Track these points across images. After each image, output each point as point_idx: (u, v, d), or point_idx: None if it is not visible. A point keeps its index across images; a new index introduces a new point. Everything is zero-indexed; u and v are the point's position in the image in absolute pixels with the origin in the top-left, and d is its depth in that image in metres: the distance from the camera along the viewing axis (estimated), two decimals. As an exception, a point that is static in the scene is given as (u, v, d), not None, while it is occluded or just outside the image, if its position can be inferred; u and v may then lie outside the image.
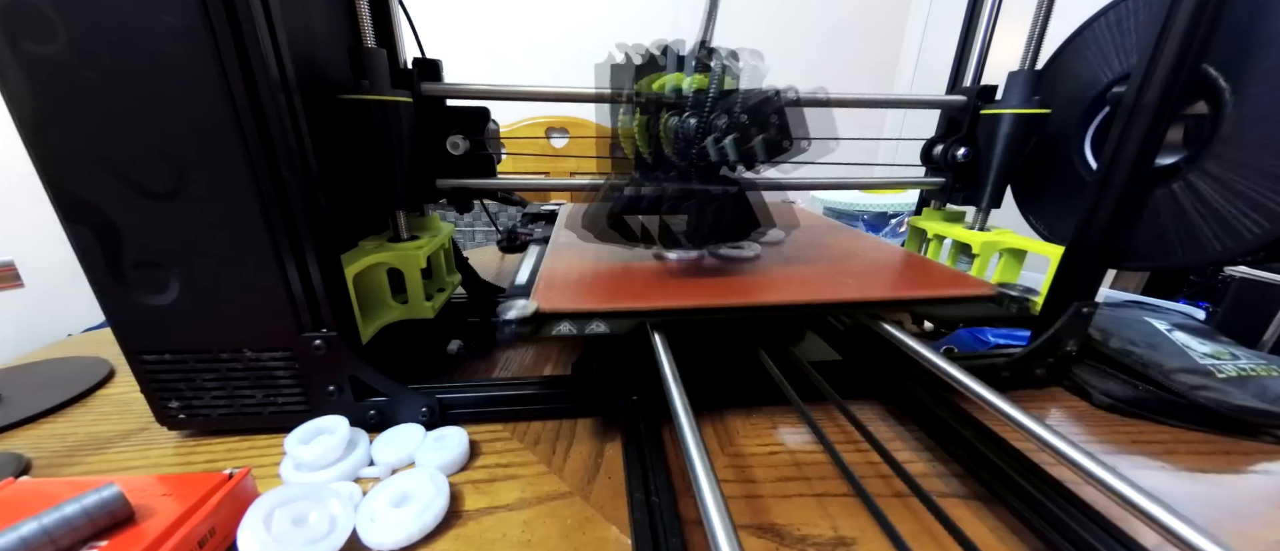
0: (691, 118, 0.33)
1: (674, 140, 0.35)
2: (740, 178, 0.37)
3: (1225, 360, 0.41)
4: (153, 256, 0.31)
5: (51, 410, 0.42)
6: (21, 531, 0.22)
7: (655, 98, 0.36)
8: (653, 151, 0.37)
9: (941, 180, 0.51)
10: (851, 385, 0.42)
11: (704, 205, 0.36)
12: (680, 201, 0.35)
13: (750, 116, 0.33)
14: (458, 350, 0.48)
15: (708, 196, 0.35)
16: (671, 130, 0.35)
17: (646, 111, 0.37)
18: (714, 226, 0.37)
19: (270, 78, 0.28)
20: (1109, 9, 0.42)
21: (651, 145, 0.37)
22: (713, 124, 0.33)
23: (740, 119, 0.33)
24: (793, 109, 0.34)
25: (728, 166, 0.34)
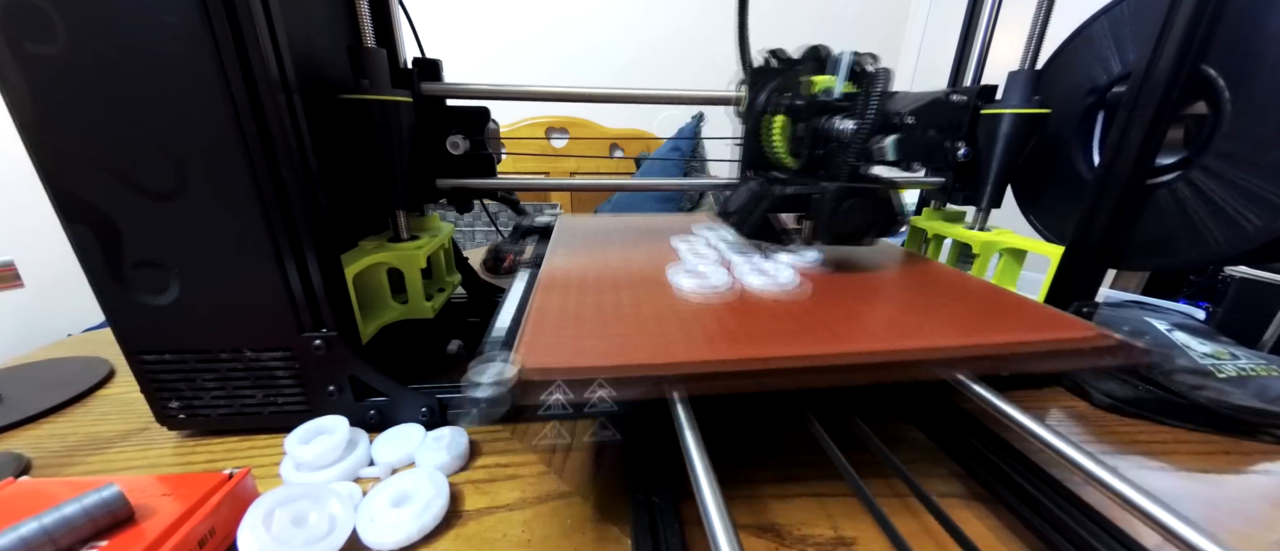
0: (870, 119, 0.33)
1: (830, 140, 0.35)
2: (881, 177, 0.37)
3: (1225, 360, 0.41)
4: (153, 256, 0.31)
5: (51, 410, 0.42)
6: (21, 531, 0.22)
7: (818, 100, 0.36)
8: (801, 153, 0.38)
9: (942, 180, 0.51)
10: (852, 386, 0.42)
11: (876, 200, 0.36)
12: (854, 198, 0.35)
13: (921, 117, 0.33)
14: (458, 350, 0.48)
15: (883, 192, 0.36)
16: (835, 131, 0.35)
17: (799, 115, 0.37)
18: (873, 223, 0.37)
19: (270, 77, 0.28)
20: (1109, 9, 0.42)
21: (800, 147, 0.38)
22: (887, 124, 0.33)
23: (908, 120, 0.33)
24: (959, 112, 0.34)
25: (898, 166, 0.34)
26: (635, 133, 1.69)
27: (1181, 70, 0.32)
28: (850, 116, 0.34)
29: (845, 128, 0.34)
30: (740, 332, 0.28)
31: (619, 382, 0.24)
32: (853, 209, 0.35)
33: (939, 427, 0.36)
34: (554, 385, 0.24)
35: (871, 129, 0.33)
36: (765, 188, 0.38)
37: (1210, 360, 0.41)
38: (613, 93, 0.44)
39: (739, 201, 0.39)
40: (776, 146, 0.40)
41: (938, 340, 0.27)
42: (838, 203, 0.35)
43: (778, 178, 0.39)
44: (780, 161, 0.40)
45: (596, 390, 0.24)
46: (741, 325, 0.29)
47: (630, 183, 0.60)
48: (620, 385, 0.24)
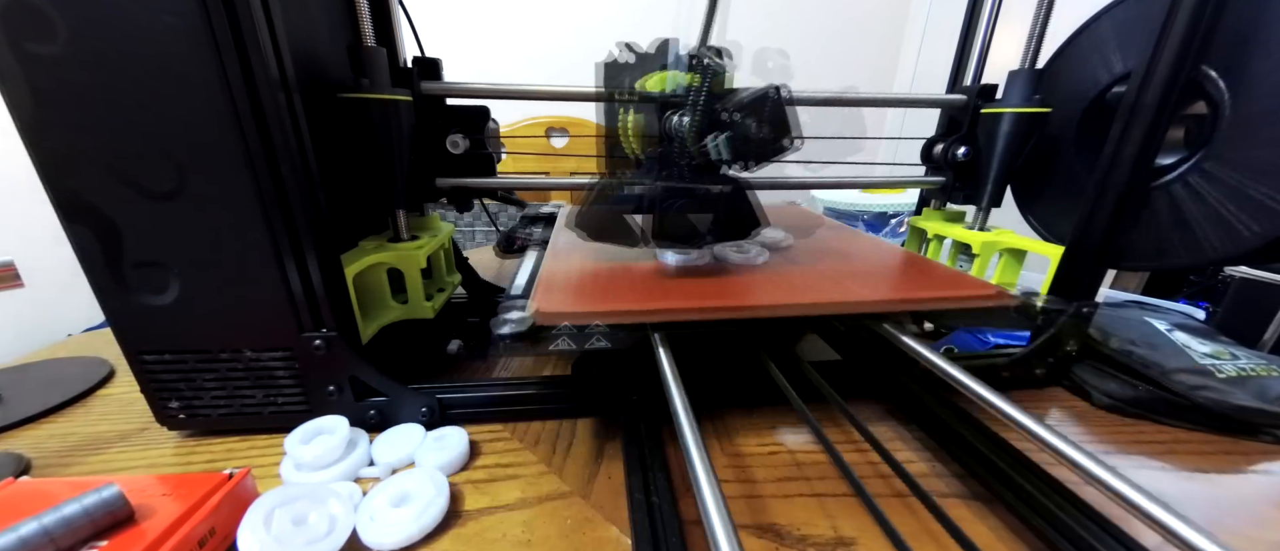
0: (686, 116, 0.33)
1: (672, 138, 0.34)
2: (738, 176, 0.37)
3: (1225, 360, 0.41)
4: (153, 256, 0.31)
5: (51, 410, 0.42)
6: (21, 531, 0.22)
7: (654, 96, 0.36)
8: (650, 151, 0.37)
9: (942, 179, 0.51)
10: (851, 385, 0.42)
11: (704, 204, 0.35)
12: (677, 200, 0.35)
13: (746, 114, 0.32)
14: (458, 350, 0.48)
15: (706, 195, 0.35)
16: (672, 128, 0.34)
17: (643, 110, 0.36)
18: (712, 226, 0.36)
19: (270, 76, 0.28)
20: (1109, 9, 0.42)
21: (648, 144, 0.37)
22: (712, 121, 0.33)
23: (736, 117, 0.32)
24: (789, 107, 0.33)
25: (725, 164, 0.34)
26: (635, 132, 1.68)
27: (1181, 70, 0.32)
28: (685, 113, 0.33)
29: (681, 124, 0.34)
30: (709, 289, 0.36)
31: (611, 324, 0.32)
32: (682, 209, 0.35)
33: (939, 427, 0.36)
34: (561, 326, 0.31)
35: (696, 126, 0.32)
36: (611, 188, 0.37)
37: (1210, 360, 0.41)
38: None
39: (586, 204, 0.38)
40: (626, 144, 0.39)
41: (864, 296, 0.35)
42: (661, 203, 0.35)
43: (627, 177, 0.38)
44: (637, 158, 0.39)
45: (594, 330, 0.32)
46: (711, 285, 0.37)
47: (630, 182, 0.60)
48: (612, 329, 0.32)
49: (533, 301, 0.33)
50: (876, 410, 0.40)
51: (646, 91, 0.36)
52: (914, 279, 0.40)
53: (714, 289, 0.36)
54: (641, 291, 0.35)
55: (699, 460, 0.21)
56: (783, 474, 0.33)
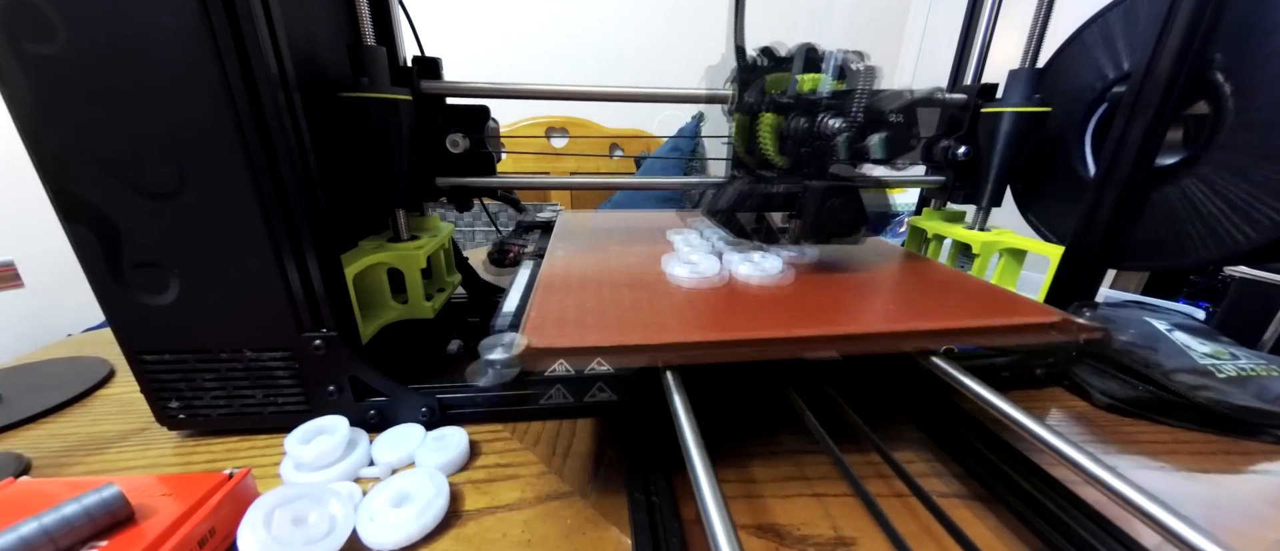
0: (840, 117, 0.33)
1: (821, 138, 0.35)
2: (868, 175, 0.37)
3: (1225, 360, 0.41)
4: (153, 256, 0.31)
5: (51, 410, 0.42)
6: (21, 531, 0.22)
7: (807, 98, 0.36)
8: (790, 152, 0.38)
9: (942, 179, 0.51)
10: (852, 384, 0.42)
11: (859, 199, 0.36)
12: (837, 197, 0.35)
13: (908, 115, 0.33)
14: (458, 350, 0.48)
15: (850, 191, 0.36)
16: (825, 128, 0.35)
17: (782, 111, 0.37)
18: (858, 220, 0.37)
19: (270, 76, 0.28)
20: (1110, 9, 0.42)
21: (788, 145, 0.38)
22: (874, 122, 0.33)
23: (898, 118, 0.33)
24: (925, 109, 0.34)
25: (882, 163, 0.34)
26: (635, 132, 1.68)
27: (1181, 70, 0.32)
28: (837, 114, 0.34)
29: (832, 125, 0.34)
30: (727, 315, 0.31)
31: (615, 357, 0.27)
32: (838, 207, 0.35)
33: (939, 427, 0.36)
34: (557, 362, 0.26)
35: (858, 127, 0.33)
36: (753, 186, 0.38)
37: (1210, 360, 0.41)
38: (612, 91, 0.44)
39: (727, 200, 0.39)
40: (765, 145, 0.39)
41: (903, 324, 0.30)
42: (823, 200, 0.35)
43: (766, 176, 0.39)
44: (769, 160, 0.40)
45: (595, 365, 0.26)
46: (728, 309, 0.32)
47: (630, 181, 0.60)
48: (616, 362, 0.27)
49: (525, 328, 0.28)
50: (876, 410, 0.40)
51: (798, 93, 0.37)
52: (961, 301, 0.34)
53: (734, 316, 0.31)
54: (650, 318, 0.30)
55: (699, 460, 0.21)
56: (783, 474, 0.33)
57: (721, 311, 0.31)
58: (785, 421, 0.39)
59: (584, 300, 0.33)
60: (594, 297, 0.33)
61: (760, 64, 0.40)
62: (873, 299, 0.34)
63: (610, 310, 0.31)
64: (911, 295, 0.35)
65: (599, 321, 0.30)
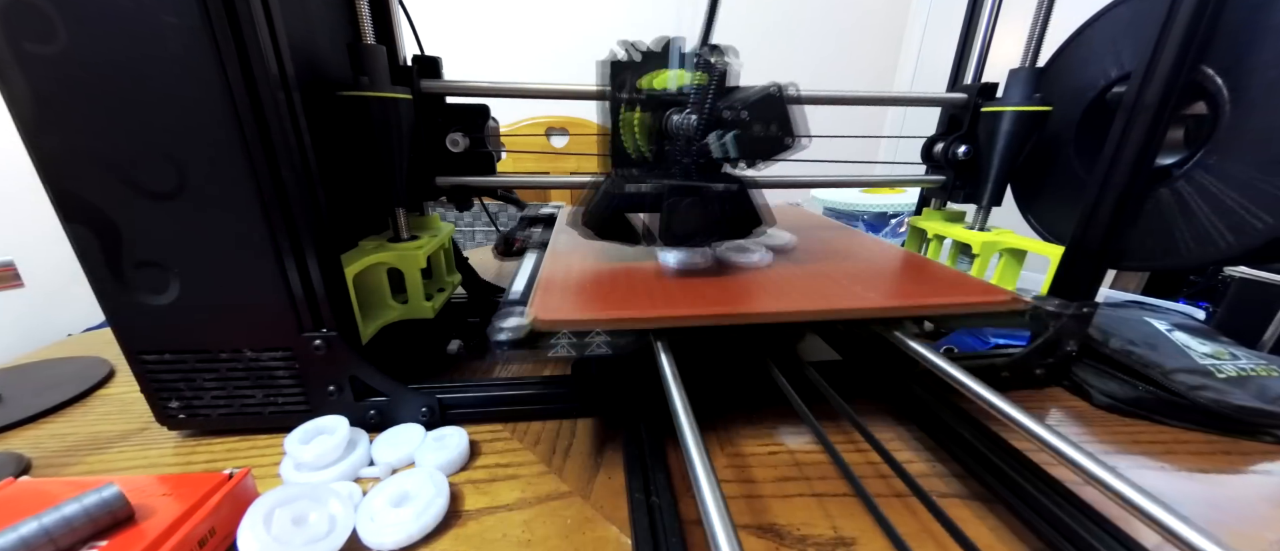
0: (693, 114, 0.33)
1: (675, 137, 0.34)
2: (742, 175, 0.37)
3: (1225, 360, 0.41)
4: (153, 256, 0.31)
5: (51, 410, 0.42)
6: (21, 531, 0.22)
7: (658, 94, 0.36)
8: (653, 149, 0.37)
9: (942, 178, 0.51)
10: (852, 385, 0.42)
11: (707, 202, 0.35)
12: (682, 198, 0.35)
13: (752, 112, 0.32)
14: (458, 350, 0.48)
15: (710, 193, 0.35)
16: (675, 126, 0.35)
17: (648, 108, 0.36)
18: (716, 224, 0.37)
19: (270, 75, 0.28)
20: (1110, 9, 0.42)
21: (652, 142, 0.37)
22: (716, 120, 0.33)
23: (742, 115, 0.32)
24: (794, 106, 0.34)
25: (729, 163, 0.34)
26: (635, 132, 1.68)
27: (1181, 70, 0.32)
28: (689, 111, 0.33)
29: (678, 122, 0.34)
30: (711, 295, 0.35)
31: (612, 332, 0.31)
32: (686, 208, 0.35)
33: (939, 427, 0.36)
34: (560, 334, 0.30)
35: (701, 124, 0.32)
36: (616, 186, 0.36)
37: (1210, 360, 0.41)
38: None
39: (592, 201, 0.38)
40: (628, 143, 0.38)
41: (872, 302, 0.34)
42: (666, 200, 0.35)
43: (629, 175, 0.37)
44: (639, 158, 0.38)
45: (594, 337, 0.31)
46: (713, 290, 0.36)
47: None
48: (613, 334, 0.31)
49: (531, 307, 0.32)
50: (876, 410, 0.40)
51: (651, 90, 0.36)
52: (919, 282, 0.39)
53: (717, 293, 0.35)
54: (643, 296, 0.35)
55: (699, 460, 0.21)
56: (783, 474, 0.33)
57: (705, 290, 0.36)
58: (783, 418, 0.39)
59: (584, 281, 0.37)
60: (593, 279, 0.38)
61: (629, 58, 0.38)
62: (840, 281, 0.38)
63: (608, 289, 0.36)
64: (878, 279, 0.39)
65: (597, 298, 0.34)
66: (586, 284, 0.37)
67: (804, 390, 0.34)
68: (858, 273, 0.40)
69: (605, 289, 0.36)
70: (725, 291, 0.35)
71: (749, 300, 0.34)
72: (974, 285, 0.38)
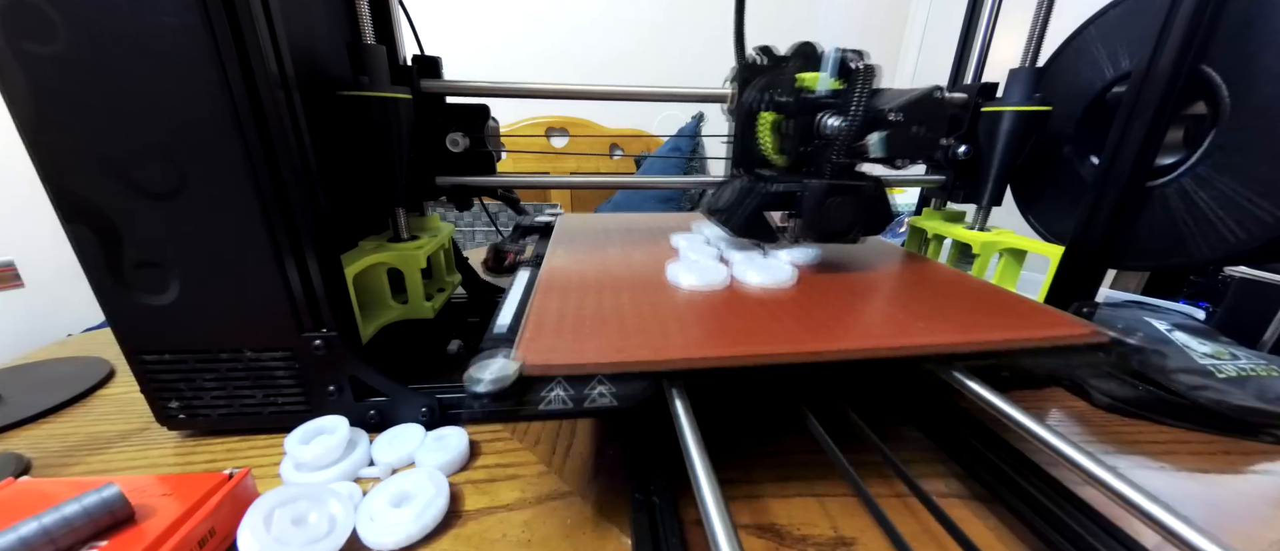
0: (856, 115, 0.33)
1: (831, 137, 0.35)
2: (867, 174, 0.37)
3: (1225, 360, 0.41)
4: (153, 256, 0.31)
5: (51, 410, 0.42)
6: (21, 531, 0.22)
7: (810, 96, 0.36)
8: (793, 149, 0.38)
9: (942, 178, 0.51)
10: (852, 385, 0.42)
11: (861, 200, 0.36)
12: (836, 196, 0.35)
13: (908, 114, 0.33)
14: (458, 350, 0.48)
15: (865, 191, 0.36)
16: (830, 128, 0.35)
17: (799, 111, 0.37)
18: (863, 220, 0.37)
19: (269, 75, 0.28)
20: (1110, 8, 0.42)
21: (798, 143, 0.37)
22: (874, 120, 0.33)
23: (899, 117, 0.32)
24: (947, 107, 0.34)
25: (885, 163, 0.34)
26: (635, 132, 1.69)
27: (1181, 70, 0.32)
28: (837, 113, 0.34)
29: (831, 124, 0.34)
30: (736, 327, 0.29)
31: (617, 377, 0.25)
32: (838, 206, 0.35)
33: (939, 427, 0.36)
34: (555, 381, 0.25)
35: (857, 126, 0.33)
36: (753, 185, 0.37)
37: (1210, 360, 0.41)
38: (612, 90, 0.44)
39: (727, 199, 0.39)
40: (765, 144, 0.39)
41: (929, 338, 0.28)
42: (822, 199, 0.35)
43: (766, 175, 0.38)
44: (769, 159, 0.40)
45: (596, 386, 0.25)
46: (737, 320, 0.30)
47: (629, 180, 0.60)
48: (618, 380, 0.25)
49: (519, 346, 0.27)
50: (876, 410, 0.40)
51: (797, 92, 0.36)
52: (982, 310, 0.32)
53: (740, 325, 0.29)
54: (653, 328, 0.29)
55: (699, 460, 0.21)
56: (782, 474, 0.33)
57: (727, 320, 0.30)
58: (788, 424, 0.39)
59: (584, 310, 0.31)
60: (594, 308, 0.32)
61: (759, 63, 0.40)
62: (882, 306, 0.33)
63: (611, 321, 0.30)
64: (921, 302, 0.33)
65: (598, 334, 0.28)
66: (586, 313, 0.31)
67: (819, 405, 0.33)
68: (902, 297, 0.35)
69: (609, 319, 0.30)
70: (750, 322, 0.30)
71: (780, 334, 0.28)
72: (1039, 313, 0.31)
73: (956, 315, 0.31)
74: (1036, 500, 0.28)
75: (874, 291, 0.36)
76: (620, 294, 0.34)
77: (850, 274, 0.39)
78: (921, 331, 0.29)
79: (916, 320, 0.30)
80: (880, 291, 0.36)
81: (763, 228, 0.39)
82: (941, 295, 0.35)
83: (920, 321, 0.30)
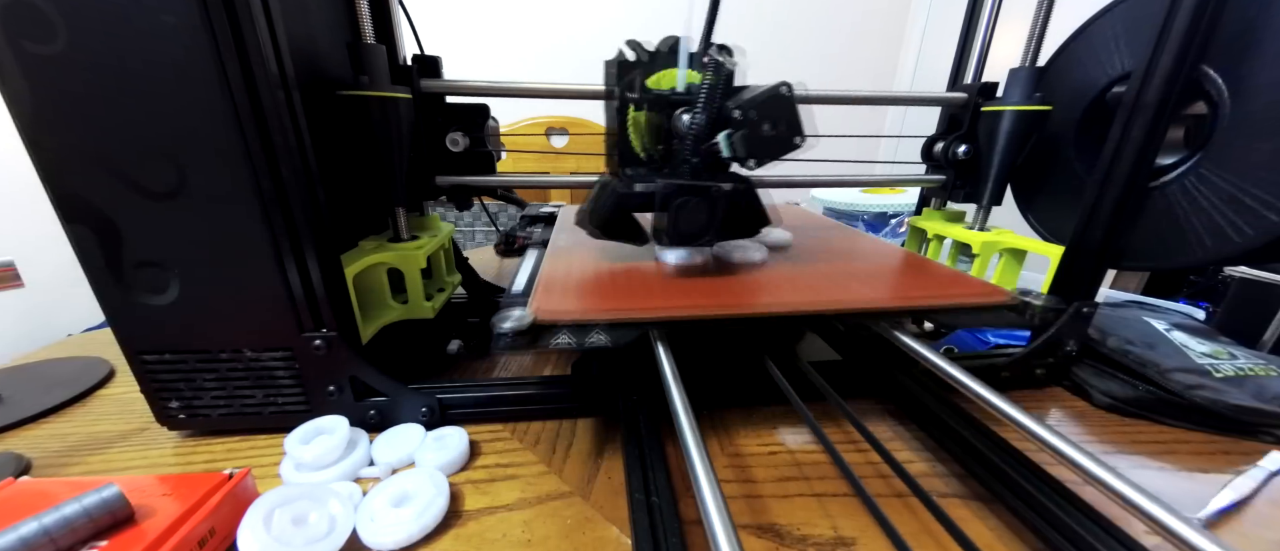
0: (701, 114, 0.33)
1: (683, 136, 0.34)
2: (747, 174, 0.37)
3: (1223, 359, 0.41)
4: (153, 256, 0.31)
5: (51, 410, 0.42)
6: (21, 531, 0.22)
7: (665, 94, 0.36)
8: (660, 148, 0.37)
9: (942, 178, 0.51)
10: (851, 385, 0.42)
11: (714, 201, 0.35)
12: (687, 197, 0.35)
13: (759, 112, 0.32)
14: (458, 350, 0.48)
15: (716, 192, 0.35)
16: (682, 126, 0.34)
17: (655, 108, 0.36)
18: (722, 223, 0.37)
19: (269, 74, 0.28)
20: (1110, 8, 0.42)
21: (659, 142, 0.37)
22: (724, 119, 0.33)
23: (749, 115, 0.32)
24: (801, 105, 0.33)
25: (738, 163, 0.34)
26: (635, 132, 1.68)
27: (1181, 70, 0.32)
28: (689, 110, 0.34)
29: (685, 121, 0.34)
30: (708, 289, 0.36)
31: (611, 326, 0.31)
32: (690, 207, 0.35)
33: (939, 427, 0.36)
34: (561, 328, 0.31)
35: (704, 124, 0.32)
36: (619, 186, 0.36)
37: (1208, 360, 0.41)
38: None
39: (594, 201, 0.38)
40: (634, 142, 0.38)
41: (864, 296, 0.35)
42: (669, 200, 0.35)
43: (629, 175, 0.38)
44: (641, 157, 0.39)
45: (594, 333, 0.31)
46: (711, 285, 0.37)
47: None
48: (612, 328, 0.31)
49: (532, 301, 0.33)
50: (876, 410, 0.40)
51: (658, 89, 0.36)
52: (914, 279, 0.40)
53: (714, 289, 0.36)
54: (641, 292, 0.35)
55: (699, 460, 0.21)
56: (783, 474, 0.33)
57: (704, 286, 0.37)
58: (782, 417, 0.39)
59: (584, 279, 0.38)
60: (593, 277, 0.38)
61: (630, 58, 0.38)
62: (836, 277, 0.39)
63: (607, 286, 0.37)
64: (876, 277, 0.40)
65: (596, 294, 0.35)
66: (586, 281, 0.38)
67: (804, 390, 0.34)
68: (855, 271, 0.41)
69: (605, 286, 0.37)
70: (723, 288, 0.36)
71: (746, 296, 0.35)
72: (963, 280, 0.39)
73: (901, 285, 0.38)
74: (1036, 500, 0.28)
75: (834, 268, 0.42)
76: (615, 267, 0.41)
77: (817, 256, 0.45)
78: (864, 294, 0.36)
79: (864, 287, 0.37)
80: (839, 268, 0.42)
81: (627, 228, 0.38)
82: (893, 271, 0.42)
83: (867, 288, 0.37)
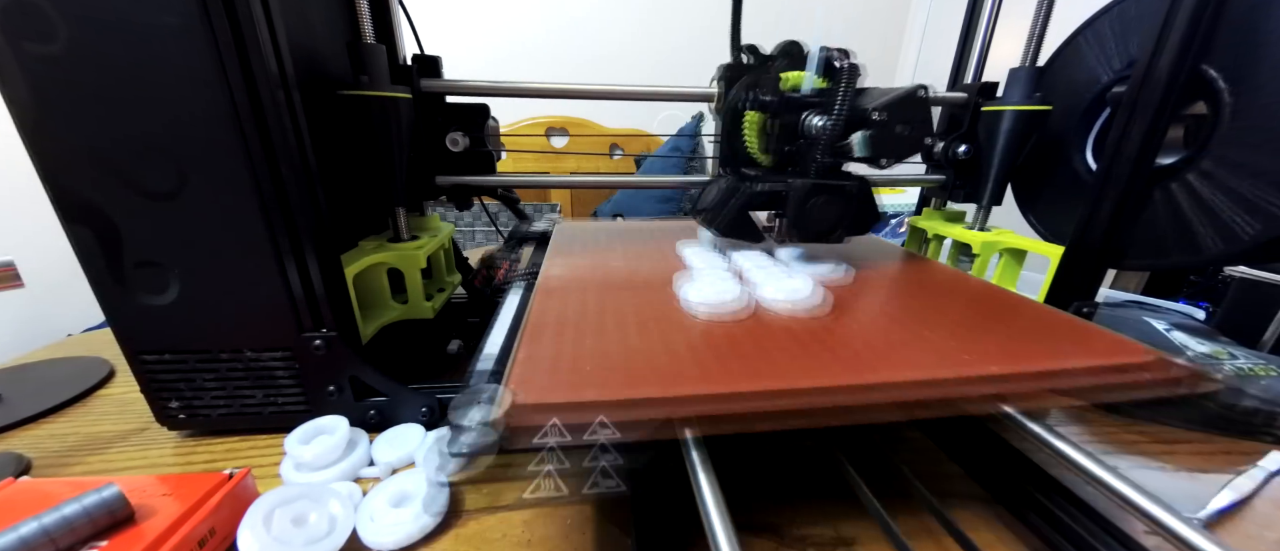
0: (838, 115, 0.33)
1: (814, 137, 0.35)
2: (853, 174, 0.37)
3: (1223, 359, 0.41)
4: (153, 256, 0.31)
5: (51, 410, 0.42)
6: (21, 531, 0.22)
7: (795, 97, 0.36)
8: (777, 148, 0.38)
9: (942, 178, 0.51)
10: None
11: (846, 199, 0.36)
12: (820, 196, 0.35)
13: (892, 112, 0.32)
14: (458, 350, 0.48)
15: (849, 191, 0.36)
16: (808, 127, 0.35)
17: (784, 110, 0.36)
18: (846, 220, 0.37)
19: (269, 74, 0.28)
20: (1110, 8, 0.42)
21: (783, 143, 0.37)
22: (857, 120, 0.33)
23: (882, 116, 0.32)
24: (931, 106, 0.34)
25: (869, 162, 0.34)
26: (635, 132, 1.69)
27: (1181, 70, 0.32)
28: (821, 112, 0.34)
29: (816, 124, 0.34)
30: (758, 357, 0.25)
31: (623, 420, 0.21)
32: (822, 206, 0.35)
33: (939, 428, 0.36)
34: (549, 424, 0.20)
35: (841, 125, 0.33)
36: (737, 184, 0.37)
37: (1208, 360, 0.41)
38: (613, 90, 0.44)
39: (711, 199, 0.38)
40: (750, 143, 0.39)
41: (983, 368, 0.24)
42: (806, 199, 0.35)
43: (751, 175, 0.38)
44: (755, 158, 0.40)
45: (597, 430, 0.21)
46: (759, 348, 0.26)
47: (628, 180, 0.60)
48: (624, 423, 0.21)
49: (508, 384, 0.22)
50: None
51: (781, 91, 0.36)
52: (1046, 339, 0.28)
53: (764, 352, 0.25)
54: (665, 362, 0.24)
55: (699, 460, 0.21)
56: (783, 474, 0.33)
57: (750, 351, 0.25)
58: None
59: (582, 336, 0.27)
60: (594, 335, 0.27)
61: (746, 62, 0.40)
62: (932, 334, 0.28)
63: (616, 349, 0.26)
64: (968, 325, 0.29)
65: (601, 365, 0.24)
66: (585, 339, 0.27)
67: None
68: (948, 323, 0.29)
69: (613, 348, 0.26)
70: (777, 349, 0.26)
71: (815, 367, 0.24)
72: (1125, 346, 0.26)
73: (1004, 340, 0.27)
74: (1036, 500, 0.28)
75: (907, 310, 0.32)
76: (625, 315, 0.30)
77: (878, 288, 0.36)
78: (968, 361, 0.24)
79: (961, 346, 0.26)
80: (913, 310, 0.32)
81: (748, 228, 0.39)
82: (985, 316, 0.31)
83: (965, 348, 0.26)
